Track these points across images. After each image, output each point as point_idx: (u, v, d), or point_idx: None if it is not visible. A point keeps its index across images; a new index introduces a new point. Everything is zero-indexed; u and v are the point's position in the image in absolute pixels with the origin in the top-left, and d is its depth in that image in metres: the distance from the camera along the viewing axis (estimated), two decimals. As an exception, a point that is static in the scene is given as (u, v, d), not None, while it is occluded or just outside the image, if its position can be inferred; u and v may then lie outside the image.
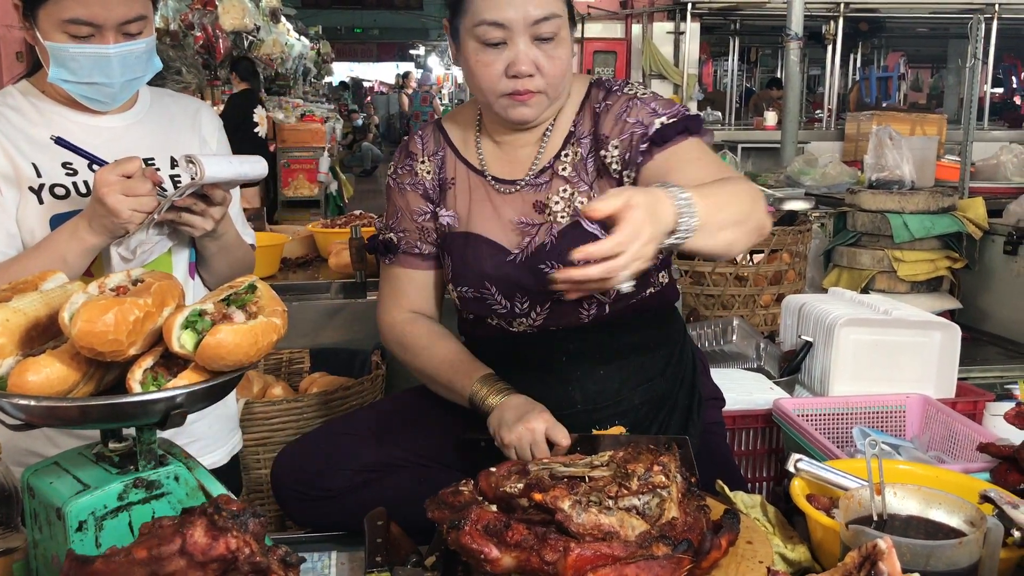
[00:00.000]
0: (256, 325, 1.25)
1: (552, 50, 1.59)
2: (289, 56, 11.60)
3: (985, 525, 1.21)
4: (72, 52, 1.61)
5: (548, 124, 1.71)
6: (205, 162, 1.54)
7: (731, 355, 2.70)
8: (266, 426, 2.56)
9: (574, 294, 1.29)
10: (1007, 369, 3.32)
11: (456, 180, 1.74)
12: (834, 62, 9.84)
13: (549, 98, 1.63)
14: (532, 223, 1.68)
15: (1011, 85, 15.27)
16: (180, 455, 1.33)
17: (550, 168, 1.69)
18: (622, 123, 1.64)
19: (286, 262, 3.72)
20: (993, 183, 5.48)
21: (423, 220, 1.77)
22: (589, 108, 1.70)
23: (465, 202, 1.73)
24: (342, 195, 8.04)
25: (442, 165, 1.76)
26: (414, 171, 1.77)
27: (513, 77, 1.59)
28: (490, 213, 1.70)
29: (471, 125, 1.77)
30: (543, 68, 1.59)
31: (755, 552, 1.34)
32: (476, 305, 1.72)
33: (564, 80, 1.63)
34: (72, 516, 1.20)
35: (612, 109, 1.66)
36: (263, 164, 1.70)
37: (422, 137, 1.80)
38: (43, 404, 1.18)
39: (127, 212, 1.54)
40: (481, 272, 1.69)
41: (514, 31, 1.56)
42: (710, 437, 1.83)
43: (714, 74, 16.16)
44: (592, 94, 1.72)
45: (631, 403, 1.73)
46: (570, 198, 1.66)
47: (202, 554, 1.02)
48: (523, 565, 1.20)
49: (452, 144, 1.77)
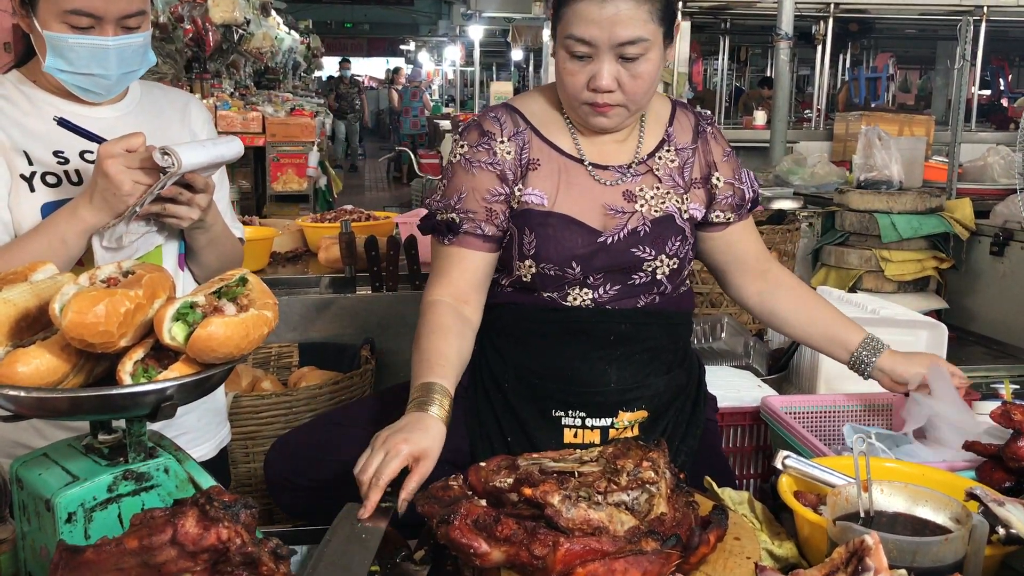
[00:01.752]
0: (247, 318, 1.25)
1: (635, 68, 1.65)
2: (279, 50, 11.56)
3: (971, 522, 1.22)
4: (71, 43, 1.61)
5: (640, 123, 1.82)
6: (181, 151, 1.53)
7: (720, 353, 2.71)
8: (254, 420, 2.56)
9: None
10: (993, 369, 3.34)
11: (541, 161, 1.76)
12: (824, 62, 9.86)
13: (629, 111, 1.72)
14: (622, 210, 1.75)
15: (999, 87, 15.34)
16: (170, 447, 1.33)
17: (645, 163, 1.79)
18: (730, 167, 1.86)
19: (275, 256, 3.71)
20: (980, 184, 5.50)
21: (495, 201, 1.74)
22: (681, 124, 1.85)
23: (553, 183, 1.74)
24: (331, 190, 8.02)
25: (525, 146, 1.76)
26: (492, 150, 1.75)
27: (593, 90, 1.66)
28: (579, 196, 1.75)
29: (555, 112, 1.80)
30: (624, 85, 1.66)
31: (743, 548, 1.35)
32: (551, 281, 1.74)
33: (646, 95, 1.72)
34: (61, 508, 1.19)
35: (719, 143, 1.87)
36: (237, 142, 1.70)
37: (498, 119, 1.78)
38: (32, 395, 1.18)
39: (129, 183, 1.53)
40: (569, 250, 1.71)
41: (600, 48, 1.62)
42: (705, 435, 1.87)
43: (704, 73, 16.18)
44: (681, 111, 1.87)
45: (656, 388, 1.78)
46: (664, 196, 1.77)
47: (193, 544, 1.02)
48: (512, 559, 1.21)
49: (534, 127, 1.78)
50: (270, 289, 1.37)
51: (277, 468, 1.82)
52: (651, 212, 1.75)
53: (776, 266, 1.98)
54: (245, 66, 10.84)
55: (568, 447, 1.71)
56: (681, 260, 1.78)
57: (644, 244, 1.73)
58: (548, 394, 1.75)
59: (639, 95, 1.68)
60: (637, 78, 1.65)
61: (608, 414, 1.74)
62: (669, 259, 1.75)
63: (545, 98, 1.82)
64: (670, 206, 1.77)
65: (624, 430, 1.75)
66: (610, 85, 1.64)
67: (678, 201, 1.78)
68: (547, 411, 1.74)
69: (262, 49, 10.06)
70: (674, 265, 1.76)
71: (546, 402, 1.75)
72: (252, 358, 3.01)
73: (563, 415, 1.74)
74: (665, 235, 1.74)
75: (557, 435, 1.74)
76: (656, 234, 1.74)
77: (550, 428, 1.74)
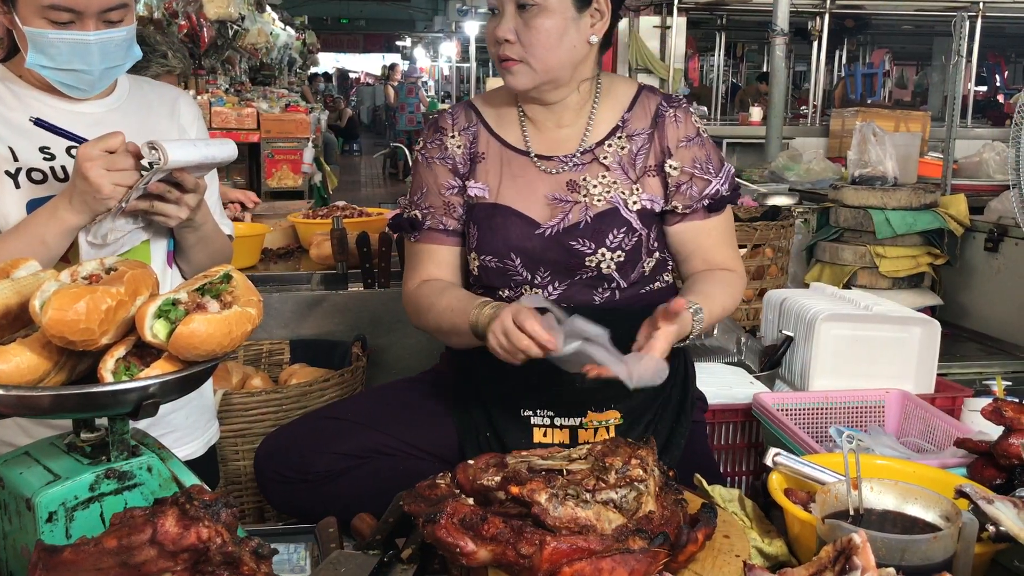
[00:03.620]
0: (230, 315, 1.23)
1: (532, 19, 1.66)
2: (274, 46, 11.54)
3: (960, 520, 1.21)
4: (51, 38, 1.59)
5: (590, 109, 1.78)
6: (168, 147, 1.52)
7: (712, 349, 2.70)
8: (245, 417, 2.54)
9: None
10: (986, 365, 3.34)
11: (487, 155, 1.80)
12: (820, 58, 9.87)
13: (534, 70, 1.70)
14: (565, 200, 1.74)
15: (995, 83, 15.34)
16: (153, 445, 1.32)
17: (591, 152, 1.76)
18: (689, 153, 1.77)
19: (267, 252, 3.70)
20: (975, 180, 5.51)
21: (450, 194, 1.81)
22: (644, 108, 1.79)
23: (496, 175, 1.78)
24: (326, 186, 8.00)
25: (474, 140, 1.82)
26: (444, 145, 1.82)
27: (497, 43, 1.70)
28: (523, 188, 1.76)
29: (510, 104, 1.83)
30: (522, 36, 1.67)
31: (732, 546, 1.34)
32: (496, 276, 1.77)
33: (550, 54, 1.69)
34: (42, 507, 1.18)
35: (680, 127, 1.78)
36: (232, 146, 1.69)
37: (452, 114, 1.86)
38: (13, 393, 1.16)
39: (109, 187, 1.52)
40: (507, 242, 1.74)
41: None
42: (691, 436, 1.86)
43: (700, 69, 16.19)
44: (645, 96, 1.81)
45: (626, 389, 1.73)
46: (610, 186, 1.74)
47: (173, 544, 1.01)
48: (499, 559, 1.20)
49: (484, 121, 1.83)
50: (261, 286, 1.35)
51: (267, 463, 1.83)
52: (595, 203, 1.73)
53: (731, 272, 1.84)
54: (240, 62, 10.81)
55: (538, 447, 1.70)
56: (628, 253, 1.73)
57: (583, 237, 1.71)
58: (516, 394, 1.74)
59: (537, 50, 1.68)
60: (532, 29, 1.66)
61: (576, 414, 1.73)
62: (611, 252, 1.72)
63: (506, 92, 1.84)
64: (615, 197, 1.73)
65: (597, 430, 1.73)
66: (507, 35, 1.67)
67: (625, 192, 1.74)
68: (516, 411, 1.74)
69: (257, 45, 10.03)
70: (619, 258, 1.72)
71: (515, 402, 1.74)
72: (243, 355, 3.00)
73: (531, 414, 1.73)
74: (606, 228, 1.71)
75: (527, 434, 1.74)
76: (596, 227, 1.71)
77: (520, 427, 1.74)
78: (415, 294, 1.83)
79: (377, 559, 1.34)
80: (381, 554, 1.36)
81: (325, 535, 1.46)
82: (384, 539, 1.39)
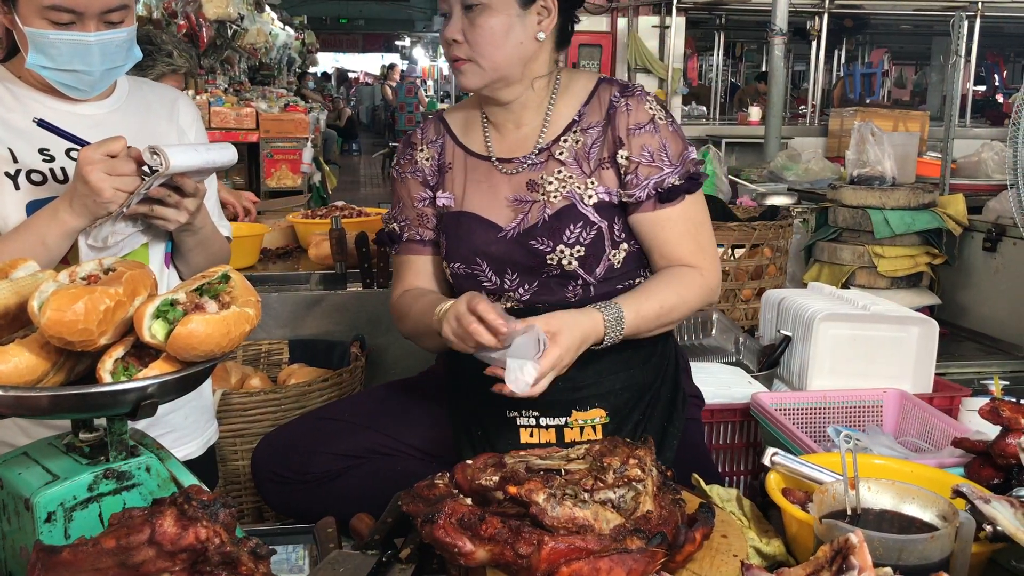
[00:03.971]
0: (229, 315, 1.23)
1: (476, 18, 1.69)
2: (273, 46, 11.53)
3: (958, 520, 1.21)
4: (52, 39, 1.59)
5: (547, 107, 1.79)
6: (170, 152, 1.52)
7: (710, 349, 2.70)
8: (243, 417, 2.55)
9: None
10: (984, 365, 3.34)
11: (453, 164, 1.84)
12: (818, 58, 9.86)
13: (483, 68, 1.72)
14: (524, 199, 1.76)
15: (993, 83, 15.34)
16: (152, 446, 1.32)
17: (547, 150, 1.77)
18: (638, 141, 1.74)
19: (266, 252, 3.70)
20: (974, 180, 5.51)
21: (422, 206, 1.86)
22: (599, 101, 1.78)
23: (461, 184, 1.81)
24: (325, 186, 8.00)
25: (441, 151, 1.86)
26: (414, 159, 1.88)
27: (446, 44, 1.74)
28: (485, 192, 1.78)
29: (475, 112, 1.87)
30: (468, 36, 1.70)
31: (730, 546, 1.35)
32: (467, 282, 1.79)
33: (496, 52, 1.71)
34: (41, 507, 1.18)
35: (631, 115, 1.75)
36: (232, 151, 1.69)
37: (423, 128, 1.91)
38: (11, 394, 1.17)
39: (110, 191, 1.52)
40: (472, 247, 1.77)
41: (450, 1, 1.71)
42: (687, 434, 1.84)
43: (699, 68, 16.19)
44: (602, 89, 1.79)
45: (612, 387, 1.75)
46: (566, 181, 1.74)
47: (171, 544, 1.01)
48: (497, 559, 1.20)
49: (452, 132, 1.87)
50: (259, 286, 1.36)
51: (265, 463, 1.83)
52: (552, 200, 1.73)
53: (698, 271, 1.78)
54: (239, 62, 10.80)
55: (526, 447, 1.70)
56: (588, 247, 1.72)
57: (542, 235, 1.72)
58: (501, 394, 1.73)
59: (483, 49, 1.70)
60: (477, 28, 1.69)
61: (561, 413, 1.72)
62: (570, 248, 1.71)
63: (472, 101, 1.89)
64: (571, 192, 1.73)
65: (583, 429, 1.73)
66: (454, 35, 1.71)
67: (580, 186, 1.74)
68: (502, 411, 1.73)
69: (256, 45, 10.02)
70: (579, 254, 1.72)
71: (500, 403, 1.73)
72: (241, 355, 3.00)
73: (517, 415, 1.73)
74: (563, 224, 1.72)
75: (513, 435, 1.74)
76: (553, 224, 1.72)
77: (506, 428, 1.74)
78: (397, 303, 1.88)
79: (375, 559, 1.34)
80: (379, 554, 1.36)
81: (324, 535, 1.47)
82: (382, 539, 1.39)
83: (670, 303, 1.72)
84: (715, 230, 3.10)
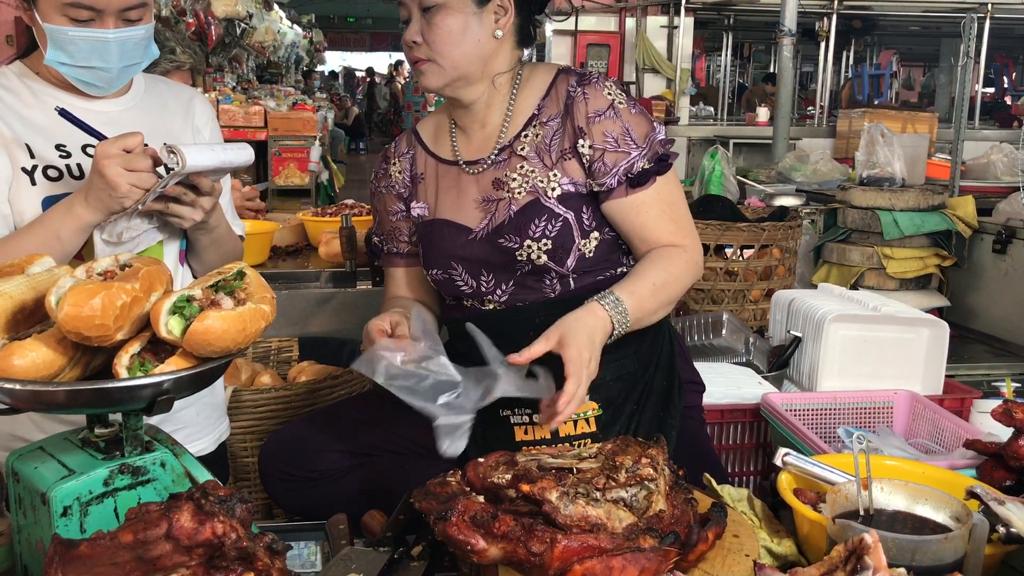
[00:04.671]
0: (244, 311, 1.24)
1: (433, 18, 1.70)
2: (281, 44, 11.55)
3: (971, 521, 1.21)
4: (71, 35, 1.60)
5: (508, 105, 1.79)
6: (187, 151, 1.53)
7: (720, 349, 2.70)
8: (254, 414, 2.55)
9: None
10: (994, 367, 3.34)
11: (425, 174, 1.86)
12: (827, 59, 9.86)
13: (442, 67, 1.73)
14: (491, 199, 1.76)
15: (1002, 85, 15.32)
16: (166, 441, 1.32)
17: (509, 147, 1.77)
18: (599, 129, 1.72)
19: (276, 250, 3.71)
20: (983, 182, 5.50)
21: (396, 219, 1.90)
22: (556, 93, 1.77)
23: (433, 192, 1.83)
24: (333, 185, 8.01)
25: (413, 162, 1.88)
26: (388, 173, 1.91)
27: (407, 46, 1.75)
28: (455, 197, 1.80)
29: (444, 119, 1.88)
30: (426, 37, 1.71)
31: (741, 545, 1.35)
32: (447, 287, 1.81)
33: (454, 51, 1.71)
34: (57, 501, 1.19)
35: (589, 103, 1.72)
36: (248, 151, 1.69)
37: (396, 143, 1.94)
38: (28, 388, 1.17)
39: (125, 186, 1.53)
40: (445, 253, 1.79)
41: (407, 5, 1.72)
42: (687, 422, 1.84)
43: (707, 69, 16.17)
44: (560, 80, 1.78)
45: (602, 379, 1.70)
46: (528, 175, 1.74)
47: (188, 538, 1.01)
48: (510, 556, 1.20)
49: (422, 142, 1.89)
50: (269, 284, 1.36)
51: (272, 460, 1.83)
52: (516, 196, 1.73)
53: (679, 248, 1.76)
54: (247, 60, 10.83)
55: (522, 445, 1.70)
56: (555, 240, 1.70)
57: (508, 232, 1.72)
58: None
59: (442, 48, 1.70)
60: (434, 28, 1.69)
61: None
62: (536, 243, 1.70)
63: (442, 110, 1.91)
64: (534, 186, 1.73)
65: (577, 422, 1.72)
66: (413, 37, 1.72)
67: (543, 180, 1.73)
68: (496, 411, 1.73)
69: (264, 43, 10.05)
70: (547, 247, 1.70)
71: (494, 403, 1.73)
72: (252, 352, 3.00)
73: (510, 414, 1.73)
74: (528, 219, 1.71)
75: (508, 434, 1.74)
76: (519, 220, 1.71)
77: (501, 427, 1.74)
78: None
79: (387, 556, 1.35)
80: (391, 551, 1.36)
81: (336, 532, 1.47)
82: (395, 536, 1.39)
83: (661, 280, 1.69)
84: (724, 231, 3.12)
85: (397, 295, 1.93)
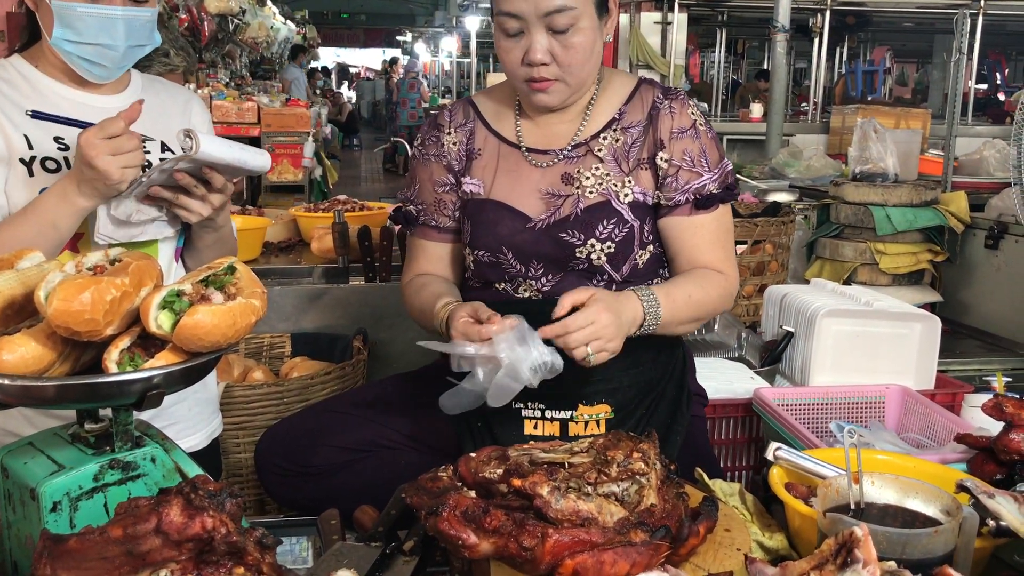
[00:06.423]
0: (235, 306, 1.23)
1: (567, 39, 1.65)
2: (275, 40, 11.52)
3: (961, 515, 1.22)
4: (79, 12, 1.61)
5: (588, 104, 1.79)
6: (202, 138, 1.53)
7: (713, 344, 2.70)
8: (246, 410, 2.55)
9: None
10: (986, 362, 3.35)
11: (483, 151, 1.82)
12: (820, 55, 9.86)
13: (569, 85, 1.71)
14: (559, 194, 1.75)
15: (995, 81, 15.35)
16: (157, 436, 1.32)
17: (586, 145, 1.76)
18: (680, 145, 1.75)
19: (268, 246, 3.70)
20: (975, 178, 5.51)
21: (442, 192, 1.85)
22: (641, 101, 1.78)
23: (491, 171, 1.80)
24: (326, 180, 8.00)
25: (470, 136, 1.84)
26: (440, 142, 1.85)
27: (529, 65, 1.67)
28: (514, 182, 1.78)
29: (508, 100, 1.85)
30: (558, 57, 1.66)
31: (733, 539, 1.35)
32: (490, 269, 1.79)
33: (584, 67, 1.70)
34: (46, 497, 1.18)
35: (675, 119, 1.76)
36: (266, 157, 1.70)
37: (451, 111, 1.88)
38: (17, 383, 1.17)
39: (117, 172, 1.53)
40: (498, 236, 1.76)
41: (528, 21, 1.64)
42: (690, 431, 1.85)
43: (701, 65, 16.18)
44: (644, 90, 1.80)
45: (620, 383, 1.74)
46: (603, 178, 1.74)
47: (177, 533, 1.01)
48: (501, 551, 1.20)
49: (483, 117, 1.85)
50: (262, 279, 1.36)
51: (268, 455, 1.84)
52: (587, 195, 1.73)
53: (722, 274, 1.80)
54: (240, 56, 10.80)
55: (529, 439, 1.70)
56: (619, 244, 1.72)
57: (573, 229, 1.72)
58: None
59: (574, 68, 1.68)
60: (569, 49, 1.66)
61: (567, 407, 1.72)
62: (601, 244, 1.71)
63: (501, 90, 1.87)
64: (607, 189, 1.73)
65: (588, 423, 1.73)
66: (543, 58, 1.66)
67: (617, 184, 1.74)
68: (507, 403, 1.73)
69: (257, 39, 10.03)
70: (609, 250, 1.72)
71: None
72: (244, 348, 3.00)
73: (523, 407, 1.73)
74: (596, 219, 1.71)
75: (518, 427, 1.74)
76: (587, 218, 1.72)
77: (511, 420, 1.74)
78: (407, 288, 1.89)
79: (379, 551, 1.35)
80: (383, 546, 1.36)
81: (327, 527, 1.47)
82: (386, 531, 1.39)
83: (698, 295, 1.73)
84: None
85: (426, 270, 1.89)
